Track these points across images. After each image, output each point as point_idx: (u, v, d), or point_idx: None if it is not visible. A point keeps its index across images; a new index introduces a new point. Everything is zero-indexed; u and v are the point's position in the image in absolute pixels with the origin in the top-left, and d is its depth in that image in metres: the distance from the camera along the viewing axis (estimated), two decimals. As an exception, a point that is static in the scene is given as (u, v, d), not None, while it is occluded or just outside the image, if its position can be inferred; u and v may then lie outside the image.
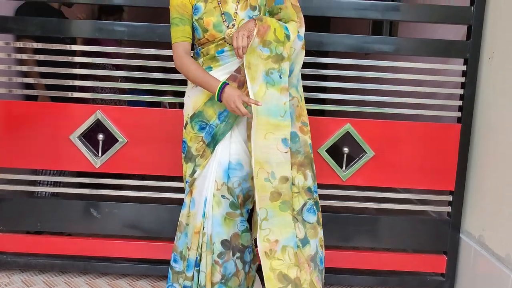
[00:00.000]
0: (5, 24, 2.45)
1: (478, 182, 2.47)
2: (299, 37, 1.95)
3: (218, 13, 1.88)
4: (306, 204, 1.96)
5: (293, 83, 1.97)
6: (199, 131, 1.96)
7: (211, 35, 1.89)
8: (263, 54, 1.82)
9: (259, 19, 1.84)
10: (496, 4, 2.38)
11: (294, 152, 1.95)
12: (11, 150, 2.48)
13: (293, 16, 1.95)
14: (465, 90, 2.47)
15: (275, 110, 1.83)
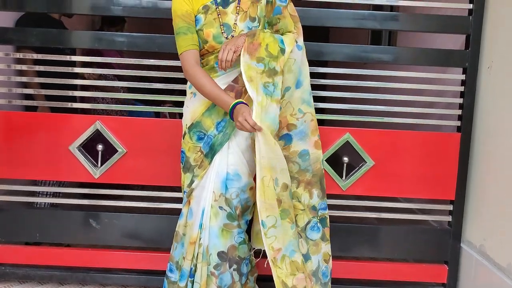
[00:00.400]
0: (5, 35, 2.46)
1: (478, 191, 2.46)
2: (298, 47, 1.97)
3: (218, 25, 1.89)
4: (310, 222, 2.02)
5: (304, 98, 1.99)
6: (197, 141, 1.96)
7: (211, 46, 1.91)
8: (258, 69, 1.84)
9: (250, 35, 1.86)
10: (495, 13, 2.39)
11: (303, 170, 2.00)
12: (11, 160, 2.47)
13: (290, 26, 1.96)
14: (465, 99, 2.48)
15: (274, 120, 1.85)
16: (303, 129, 1.99)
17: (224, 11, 1.90)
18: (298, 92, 1.99)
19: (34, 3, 2.43)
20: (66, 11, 2.54)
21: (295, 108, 1.98)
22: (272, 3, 1.95)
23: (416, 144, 2.51)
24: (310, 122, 2.01)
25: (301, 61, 1.98)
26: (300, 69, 1.98)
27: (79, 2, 2.45)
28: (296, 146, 2.00)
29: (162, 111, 3.73)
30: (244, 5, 1.91)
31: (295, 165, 2.01)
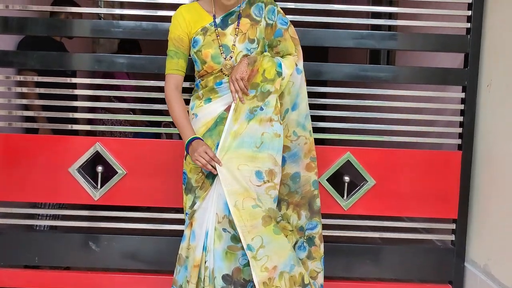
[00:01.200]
0: (5, 58, 2.47)
1: (481, 210, 2.44)
2: (298, 70, 1.98)
3: (216, 45, 1.90)
4: (298, 242, 2.04)
5: (300, 122, 1.99)
6: None
7: (209, 67, 1.92)
8: (249, 95, 1.86)
9: (251, 62, 1.86)
10: (493, 32, 2.40)
11: (293, 192, 2.01)
12: (10, 183, 2.46)
13: (291, 48, 1.97)
14: (465, 118, 2.48)
15: (248, 141, 1.84)
16: (296, 152, 1.99)
17: (223, 32, 1.91)
18: (294, 114, 1.99)
19: (35, 26, 2.45)
20: (67, 34, 2.57)
21: (290, 130, 1.99)
22: (272, 25, 1.96)
23: (417, 162, 2.50)
24: (303, 145, 2.01)
25: (299, 84, 1.99)
26: (297, 92, 1.98)
27: (79, 25, 2.47)
28: (288, 168, 2.00)
29: (165, 131, 3.72)
30: (243, 27, 1.92)
31: (285, 187, 2.01)
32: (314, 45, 2.44)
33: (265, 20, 1.94)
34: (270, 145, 1.86)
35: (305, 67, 2.35)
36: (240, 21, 1.92)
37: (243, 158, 1.84)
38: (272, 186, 1.87)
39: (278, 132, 1.89)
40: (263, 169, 1.85)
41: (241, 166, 1.83)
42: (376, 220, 2.55)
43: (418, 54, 3.53)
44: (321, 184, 2.45)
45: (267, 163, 1.86)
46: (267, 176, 1.86)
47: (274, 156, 1.87)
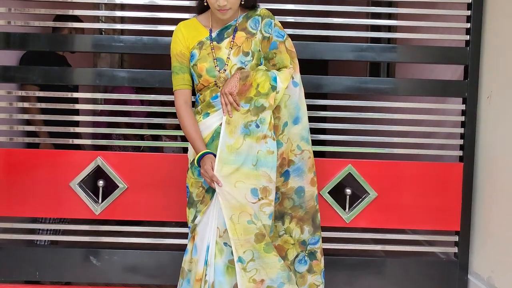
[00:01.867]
0: (8, 73, 2.48)
1: (484, 221, 2.43)
2: (294, 83, 1.95)
3: (211, 59, 1.91)
4: (298, 256, 2.02)
5: (303, 135, 1.97)
6: (199, 177, 1.95)
7: (205, 80, 1.93)
8: (243, 109, 1.86)
9: (243, 77, 1.87)
10: (492, 44, 2.41)
11: (297, 206, 1.99)
12: (11, 198, 2.46)
13: (286, 61, 1.95)
14: (466, 129, 2.48)
15: (247, 160, 1.84)
16: (300, 166, 1.98)
17: (218, 46, 1.93)
18: (297, 128, 1.97)
19: (37, 42, 2.47)
20: (68, 49, 2.58)
21: (294, 144, 1.97)
22: (269, 38, 1.95)
23: (419, 174, 2.50)
24: (307, 159, 1.99)
25: (298, 97, 1.96)
26: (298, 106, 1.96)
27: (81, 40, 2.49)
28: (292, 182, 1.99)
29: (167, 145, 3.73)
30: (238, 40, 1.93)
31: (289, 201, 1.99)
32: (314, 58, 2.46)
33: (261, 33, 1.94)
34: (264, 162, 1.85)
35: (305, 80, 2.36)
36: (235, 35, 1.94)
37: (241, 175, 1.84)
38: (267, 203, 1.86)
39: (271, 149, 1.86)
40: (258, 186, 1.84)
41: (238, 183, 1.84)
42: (379, 232, 2.53)
43: (418, 66, 3.54)
44: (323, 197, 2.45)
45: (262, 180, 1.85)
46: (261, 193, 1.85)
47: (269, 173, 1.85)
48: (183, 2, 2.45)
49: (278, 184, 1.95)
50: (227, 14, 1.87)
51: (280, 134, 1.93)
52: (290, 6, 2.47)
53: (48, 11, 2.57)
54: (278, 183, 1.95)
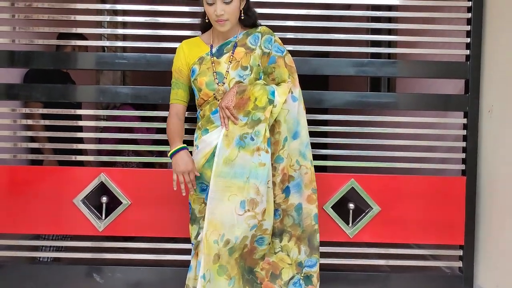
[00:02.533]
0: (12, 90, 2.51)
1: (488, 235, 2.42)
2: (293, 98, 1.95)
3: (211, 73, 1.96)
4: (294, 278, 1.97)
5: (301, 151, 1.96)
6: (200, 193, 1.97)
7: (205, 94, 1.97)
8: (241, 122, 1.88)
9: (240, 91, 1.89)
10: (492, 58, 2.43)
11: (296, 224, 1.97)
12: (14, 215, 2.46)
13: (285, 75, 1.96)
14: (467, 143, 2.49)
15: (241, 172, 1.84)
16: (299, 182, 1.96)
17: (218, 61, 1.97)
18: (296, 143, 1.96)
19: (40, 59, 2.50)
20: (71, 67, 2.60)
21: (293, 159, 1.96)
22: (269, 54, 1.98)
23: (422, 188, 2.50)
24: (304, 175, 1.97)
25: (297, 112, 1.96)
26: (297, 120, 1.95)
27: (84, 58, 2.51)
28: (292, 199, 1.97)
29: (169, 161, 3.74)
30: (238, 55, 1.97)
31: (289, 218, 1.97)
32: (315, 74, 2.48)
33: (261, 49, 1.97)
34: (255, 174, 1.84)
35: (307, 95, 2.37)
36: (235, 50, 1.97)
37: (235, 188, 1.84)
38: (252, 215, 1.83)
39: (263, 161, 1.85)
40: (246, 198, 1.83)
41: (232, 196, 1.83)
42: (382, 247, 2.53)
43: (419, 80, 3.56)
44: (326, 212, 2.45)
45: (251, 192, 1.83)
46: (248, 205, 1.83)
47: (258, 185, 1.84)
48: (185, 19, 2.48)
49: (280, 201, 1.95)
50: (225, 25, 1.92)
51: (281, 149, 1.93)
52: (290, 23, 2.50)
53: (52, 29, 2.60)
54: (280, 200, 1.95)
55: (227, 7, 1.88)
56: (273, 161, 1.92)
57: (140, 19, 2.62)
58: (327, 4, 2.57)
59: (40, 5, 2.50)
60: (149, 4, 2.60)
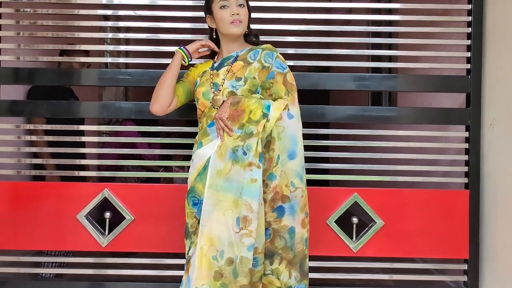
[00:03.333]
0: (16, 107, 2.53)
1: (493, 249, 2.41)
2: (289, 115, 1.93)
3: (209, 84, 2.01)
4: None
5: (298, 172, 1.92)
6: (193, 207, 1.95)
7: (201, 104, 2.02)
8: (236, 135, 1.87)
9: (234, 102, 1.90)
10: (493, 72, 2.45)
11: (288, 247, 1.91)
12: (18, 232, 2.45)
13: (281, 92, 1.95)
14: (470, 156, 2.49)
15: (235, 186, 1.82)
16: (293, 204, 1.91)
17: (217, 73, 2.02)
18: (292, 163, 1.91)
19: (44, 76, 2.51)
20: (74, 83, 2.62)
21: (289, 180, 1.90)
22: (269, 68, 1.97)
23: (425, 202, 2.49)
24: (300, 198, 1.92)
25: (294, 130, 1.93)
26: (295, 139, 1.92)
27: (88, 74, 2.54)
28: (286, 220, 1.91)
29: (171, 176, 3.75)
30: (235, 67, 2.00)
31: (281, 240, 1.91)
32: (316, 88, 2.49)
33: (260, 63, 1.98)
34: (247, 190, 1.81)
35: (308, 109, 2.40)
36: (234, 63, 2.01)
37: (230, 203, 1.82)
38: (246, 233, 1.79)
39: (254, 177, 1.81)
40: (240, 215, 1.80)
41: (227, 211, 1.81)
42: (387, 261, 2.51)
43: (420, 94, 3.58)
44: (330, 226, 2.44)
45: (243, 209, 1.80)
46: (241, 223, 1.79)
47: (250, 202, 1.79)
48: (186, 36, 2.50)
49: (270, 219, 1.90)
50: (240, 26, 1.98)
51: (274, 167, 1.89)
52: (291, 38, 2.53)
53: (56, 47, 2.63)
54: (270, 219, 1.90)
55: (241, 9, 1.97)
56: (265, 177, 1.88)
57: (142, 35, 2.65)
58: (328, 20, 2.60)
59: (45, 23, 2.53)
60: (151, 21, 2.64)
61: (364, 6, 3.10)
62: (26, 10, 2.53)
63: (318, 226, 2.42)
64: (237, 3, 1.98)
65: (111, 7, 2.66)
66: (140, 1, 2.54)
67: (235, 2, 1.98)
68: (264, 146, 1.89)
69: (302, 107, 2.41)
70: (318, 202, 2.41)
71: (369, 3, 2.94)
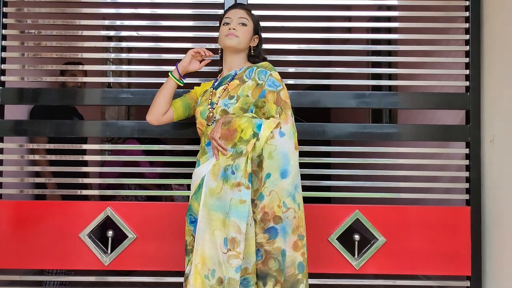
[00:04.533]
0: (20, 126, 2.55)
1: (495, 265, 2.41)
2: (280, 133, 1.89)
3: (207, 103, 2.05)
4: None
5: (290, 191, 1.87)
6: (190, 225, 1.96)
7: (199, 123, 2.06)
8: (229, 153, 1.87)
9: (225, 122, 1.91)
10: (491, 89, 2.47)
11: (282, 270, 1.86)
12: (20, 250, 2.46)
13: (272, 111, 1.94)
14: (471, 173, 2.50)
15: (223, 206, 1.82)
16: (285, 226, 1.85)
17: (215, 92, 2.06)
18: (284, 183, 1.86)
19: (48, 96, 2.55)
20: (78, 103, 2.65)
21: (281, 200, 1.85)
22: (262, 86, 1.98)
23: (426, 218, 2.49)
24: (292, 219, 1.87)
25: (286, 148, 1.88)
26: (287, 158, 1.87)
27: (91, 93, 2.57)
28: (279, 242, 1.85)
29: (171, 194, 3.76)
30: (231, 86, 2.03)
31: (275, 262, 1.85)
32: (317, 106, 2.52)
33: (255, 80, 1.99)
34: (235, 211, 1.78)
35: (309, 127, 2.42)
36: (231, 82, 2.04)
37: (219, 222, 1.81)
38: (234, 255, 1.76)
39: (243, 198, 1.79)
40: (228, 236, 1.78)
41: (216, 231, 1.81)
42: (389, 279, 2.50)
43: (420, 111, 3.60)
44: (332, 244, 2.44)
45: (231, 230, 1.77)
46: (229, 244, 1.77)
47: (238, 223, 1.77)
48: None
49: (262, 240, 1.85)
50: (233, 39, 2.04)
51: (262, 186, 1.85)
52: (292, 57, 2.56)
53: (59, 67, 2.66)
54: (262, 240, 1.85)
55: (240, 27, 2.05)
56: (255, 197, 1.85)
57: (144, 55, 2.69)
58: (328, 39, 2.63)
59: (49, 44, 2.57)
60: (154, 42, 2.68)
61: (363, 25, 3.15)
62: (31, 32, 2.57)
63: (320, 243, 2.43)
64: (238, 21, 2.06)
65: (114, 28, 2.71)
66: (142, 23, 2.59)
67: (237, 20, 2.06)
68: (258, 166, 1.87)
69: (303, 125, 2.44)
70: (320, 219, 2.42)
71: (369, 23, 2.98)
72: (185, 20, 2.59)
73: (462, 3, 2.58)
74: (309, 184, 2.47)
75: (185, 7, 2.64)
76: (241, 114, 1.95)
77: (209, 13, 2.59)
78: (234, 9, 2.12)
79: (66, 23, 2.57)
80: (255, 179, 1.86)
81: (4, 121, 2.55)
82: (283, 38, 2.55)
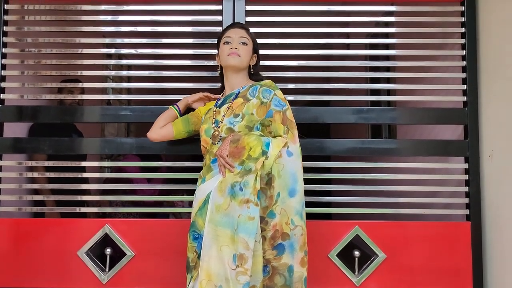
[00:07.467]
0: (19, 144, 2.56)
1: (497, 280, 2.39)
2: (288, 153, 1.93)
3: (211, 121, 2.07)
4: None
5: (298, 209, 1.91)
6: (193, 241, 1.96)
7: (204, 141, 2.06)
8: (236, 170, 1.88)
9: (234, 140, 1.93)
10: (489, 104, 2.48)
11: (288, 285, 1.89)
12: (18, 269, 2.44)
13: (280, 130, 1.96)
14: (470, 188, 2.50)
15: (231, 222, 1.82)
16: (293, 242, 1.89)
17: (219, 110, 2.08)
18: (292, 201, 1.90)
19: (47, 113, 2.56)
20: (77, 120, 2.66)
21: (289, 217, 1.89)
22: (267, 104, 2.00)
23: (427, 234, 2.48)
24: (299, 236, 1.91)
25: (294, 168, 1.92)
26: (295, 177, 1.91)
27: (90, 111, 2.58)
28: (286, 258, 1.89)
29: (171, 211, 3.74)
30: (235, 104, 2.04)
31: (281, 277, 1.89)
32: (316, 122, 2.52)
33: (259, 99, 2.01)
34: (244, 227, 1.80)
35: (309, 142, 2.42)
36: (235, 100, 2.05)
37: (227, 238, 1.81)
38: (242, 271, 1.77)
39: (252, 214, 1.81)
40: (237, 252, 1.79)
41: (223, 247, 1.81)
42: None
43: (419, 126, 3.60)
44: (332, 260, 2.43)
45: (240, 247, 1.79)
46: (238, 260, 1.79)
47: (246, 239, 1.79)
48: (186, 72, 2.55)
49: (270, 257, 1.88)
50: (235, 58, 2.06)
51: (274, 204, 1.89)
52: (291, 73, 2.57)
53: (59, 85, 2.67)
54: (270, 256, 1.88)
55: (241, 46, 2.08)
56: (265, 215, 1.88)
57: (144, 73, 2.70)
58: (327, 55, 2.65)
59: (49, 62, 2.58)
60: (153, 59, 2.70)
61: (361, 42, 3.17)
62: (31, 50, 2.59)
63: (319, 259, 2.41)
64: (239, 40, 2.08)
65: (114, 46, 2.73)
66: (142, 40, 2.60)
67: (238, 39, 2.08)
68: (266, 183, 1.90)
69: (302, 141, 2.43)
70: (320, 235, 2.40)
71: (367, 39, 3.01)
72: (184, 37, 2.61)
73: (458, 19, 2.60)
74: (308, 200, 2.45)
75: (184, 25, 2.66)
76: (247, 132, 1.98)
77: (208, 30, 2.61)
78: (234, 28, 2.14)
79: (66, 41, 2.59)
80: (263, 197, 1.88)
81: (3, 139, 2.55)
82: (283, 54, 2.57)
